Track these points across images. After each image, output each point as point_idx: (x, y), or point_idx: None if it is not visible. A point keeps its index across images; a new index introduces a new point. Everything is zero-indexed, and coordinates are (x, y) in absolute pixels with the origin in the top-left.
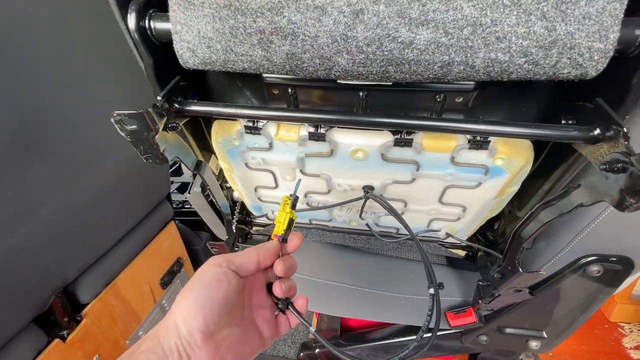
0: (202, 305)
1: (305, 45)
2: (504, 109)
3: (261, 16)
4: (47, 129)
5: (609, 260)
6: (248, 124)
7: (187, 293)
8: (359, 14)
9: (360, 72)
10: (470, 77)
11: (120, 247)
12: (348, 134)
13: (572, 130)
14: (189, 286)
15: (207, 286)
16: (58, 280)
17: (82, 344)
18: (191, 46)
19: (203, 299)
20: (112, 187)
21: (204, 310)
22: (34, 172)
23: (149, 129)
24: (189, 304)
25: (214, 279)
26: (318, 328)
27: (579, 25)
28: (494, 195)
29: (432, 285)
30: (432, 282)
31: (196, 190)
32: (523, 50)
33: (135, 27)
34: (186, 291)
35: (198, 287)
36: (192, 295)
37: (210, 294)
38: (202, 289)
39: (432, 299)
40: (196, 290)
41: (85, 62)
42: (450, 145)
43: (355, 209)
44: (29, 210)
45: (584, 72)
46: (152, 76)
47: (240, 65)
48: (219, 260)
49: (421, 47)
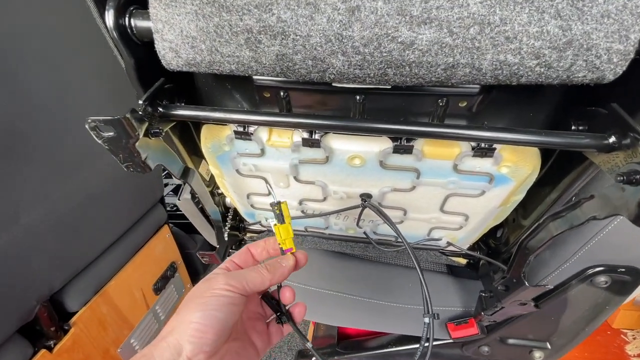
0: (213, 327)
1: (297, 46)
2: (511, 114)
3: (248, 13)
4: (33, 130)
5: (617, 271)
6: (238, 129)
7: (196, 312)
8: (355, 12)
9: (357, 75)
10: (476, 80)
11: (110, 252)
12: (344, 140)
13: (585, 137)
14: (198, 306)
15: (218, 309)
16: (44, 288)
17: (70, 354)
18: (174, 46)
19: (214, 321)
20: (102, 190)
21: (215, 333)
22: (18, 175)
23: (128, 135)
24: (199, 325)
25: (225, 302)
26: (315, 335)
27: (597, 24)
28: (498, 204)
29: (428, 315)
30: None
31: (186, 196)
32: (535, 51)
33: (114, 25)
34: (193, 310)
35: (209, 309)
36: (202, 317)
37: (224, 318)
38: (215, 312)
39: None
40: (206, 311)
41: (74, 63)
42: (453, 153)
43: (353, 217)
44: (11, 215)
45: (600, 76)
46: (133, 78)
47: (227, 66)
48: (232, 284)
49: (423, 48)
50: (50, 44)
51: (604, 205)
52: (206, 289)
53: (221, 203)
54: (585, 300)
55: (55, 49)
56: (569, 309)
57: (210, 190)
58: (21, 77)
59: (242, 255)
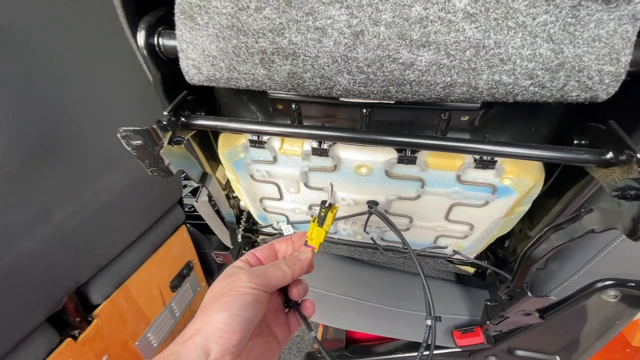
0: (239, 328)
1: (306, 65)
2: (512, 129)
3: (263, 37)
4: (65, 136)
5: (626, 285)
6: (253, 138)
7: (221, 312)
8: (359, 35)
9: (362, 92)
10: (474, 98)
11: (131, 250)
12: (352, 149)
13: (584, 152)
14: (224, 305)
15: (244, 308)
16: (71, 281)
17: (92, 344)
18: (196, 64)
19: (241, 321)
20: (125, 192)
21: (242, 333)
22: (51, 178)
23: (154, 143)
24: (225, 326)
25: (250, 301)
26: (323, 338)
27: (588, 47)
28: (503, 215)
29: (430, 317)
30: (430, 313)
31: (203, 199)
32: (528, 72)
33: (145, 44)
34: (219, 310)
35: (234, 308)
36: (229, 317)
37: (249, 318)
38: (240, 312)
39: (428, 330)
40: (232, 310)
41: (103, 75)
42: (456, 164)
43: (360, 223)
44: (45, 214)
45: (594, 95)
46: (160, 90)
47: (243, 82)
48: (256, 281)
49: (422, 68)
50: (84, 60)
51: (602, 218)
52: (230, 286)
53: (236, 206)
54: (594, 314)
55: (88, 64)
56: (578, 322)
57: (225, 194)
58: (58, 87)
59: (265, 250)
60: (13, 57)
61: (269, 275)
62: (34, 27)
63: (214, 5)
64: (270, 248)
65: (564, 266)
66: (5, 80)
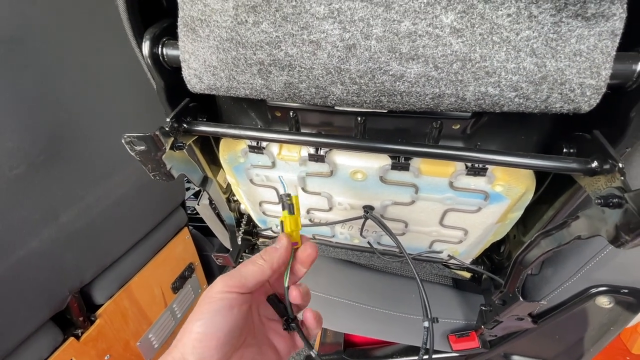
0: (214, 335)
1: (302, 76)
2: (503, 137)
3: (260, 49)
4: (71, 139)
5: (619, 292)
6: (252, 144)
7: (196, 322)
8: (351, 49)
9: (355, 101)
10: (462, 108)
11: (134, 251)
12: (347, 156)
13: (571, 161)
14: (197, 315)
15: (216, 314)
16: (75, 280)
17: (95, 343)
18: (198, 73)
19: (214, 329)
20: (129, 195)
21: (217, 340)
22: (58, 180)
23: (157, 149)
24: (199, 335)
25: (223, 306)
26: (322, 342)
27: (570, 62)
28: (496, 221)
29: (427, 319)
30: (427, 315)
31: (204, 202)
32: (513, 84)
33: (149, 54)
34: (194, 320)
35: (207, 316)
36: (202, 325)
37: (225, 322)
38: (214, 318)
39: (426, 332)
40: (206, 319)
41: (108, 80)
42: (448, 171)
43: (357, 227)
44: (52, 215)
45: (576, 107)
46: (163, 98)
47: (242, 91)
48: (229, 284)
49: (412, 80)
50: (91, 67)
51: (588, 226)
52: (205, 294)
53: (236, 209)
54: (589, 319)
55: (94, 71)
56: (572, 328)
57: (226, 198)
58: (66, 93)
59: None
60: (24, 63)
61: (243, 274)
62: (44, 36)
63: (215, 19)
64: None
65: (558, 272)
66: (18, 85)
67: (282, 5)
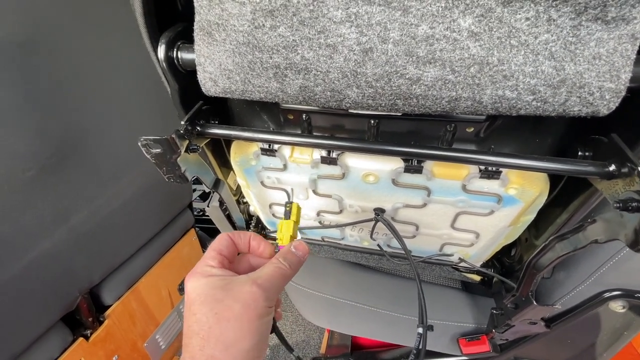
0: (263, 351)
1: (317, 80)
2: (517, 140)
3: (277, 53)
4: (81, 142)
5: (634, 296)
6: (264, 147)
7: (250, 341)
8: (368, 52)
9: (370, 104)
10: (478, 112)
11: (142, 252)
12: (359, 158)
13: (587, 165)
14: (251, 334)
15: (266, 331)
16: (85, 281)
17: (103, 343)
18: (213, 77)
19: (264, 346)
20: (137, 197)
21: (262, 357)
22: (68, 183)
23: (172, 151)
24: (248, 354)
25: (270, 321)
26: (329, 344)
27: (589, 65)
28: (508, 224)
29: (422, 326)
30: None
31: (214, 204)
32: (531, 88)
33: (164, 57)
34: (248, 338)
35: (264, 336)
36: (258, 347)
37: (267, 336)
38: (265, 337)
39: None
40: (262, 338)
41: (120, 82)
42: (461, 174)
43: (367, 230)
44: (63, 217)
45: (595, 110)
46: (177, 101)
47: (257, 95)
48: (272, 299)
49: (428, 83)
50: (103, 69)
51: (605, 229)
52: (245, 309)
53: (245, 211)
54: (602, 324)
55: (106, 74)
56: (585, 332)
57: (236, 199)
58: (78, 95)
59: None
60: (38, 66)
61: (278, 287)
62: (57, 39)
63: (232, 23)
64: (230, 242)
65: (571, 276)
66: (31, 88)
67: (299, 10)
